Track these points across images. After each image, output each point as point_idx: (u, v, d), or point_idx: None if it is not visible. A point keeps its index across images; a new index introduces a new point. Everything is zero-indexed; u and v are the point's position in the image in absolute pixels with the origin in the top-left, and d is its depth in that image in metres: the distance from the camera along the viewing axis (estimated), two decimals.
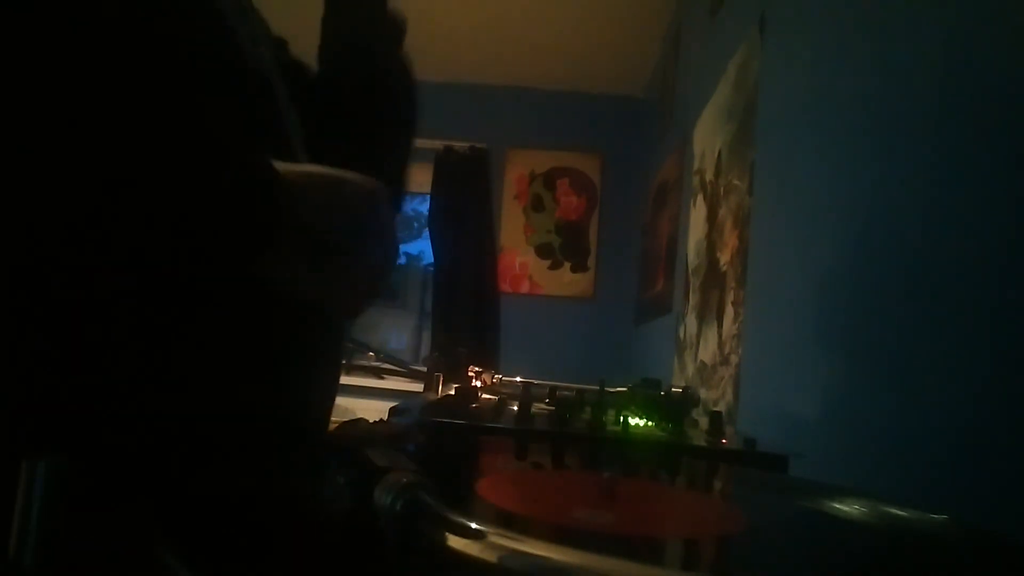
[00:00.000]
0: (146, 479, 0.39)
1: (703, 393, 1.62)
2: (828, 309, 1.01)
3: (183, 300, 0.44)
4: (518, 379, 1.11)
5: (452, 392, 0.94)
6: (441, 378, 1.00)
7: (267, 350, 0.50)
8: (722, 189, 1.69)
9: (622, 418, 0.68)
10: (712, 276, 1.71)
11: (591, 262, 3.57)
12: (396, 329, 3.87)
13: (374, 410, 0.62)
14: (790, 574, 0.31)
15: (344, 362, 0.65)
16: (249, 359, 0.49)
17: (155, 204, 0.37)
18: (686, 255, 2.08)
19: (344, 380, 0.68)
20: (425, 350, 3.63)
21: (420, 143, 0.79)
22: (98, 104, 0.36)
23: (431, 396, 0.95)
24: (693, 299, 1.92)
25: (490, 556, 0.21)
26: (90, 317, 0.41)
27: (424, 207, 3.43)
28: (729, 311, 1.51)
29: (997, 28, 0.67)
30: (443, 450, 0.55)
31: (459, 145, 3.45)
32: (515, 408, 0.69)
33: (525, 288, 3.56)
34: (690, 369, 1.87)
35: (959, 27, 0.73)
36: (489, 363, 1.21)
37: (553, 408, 0.71)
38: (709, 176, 1.85)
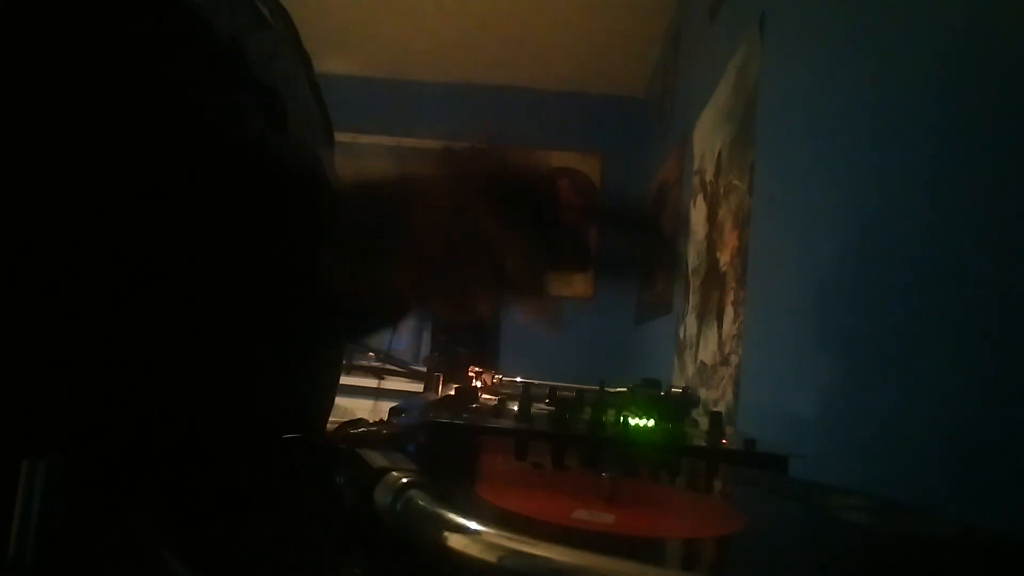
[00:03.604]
0: (146, 479, 0.39)
1: (703, 393, 1.62)
2: (828, 309, 1.01)
3: (182, 300, 0.44)
4: (518, 379, 1.11)
5: (452, 392, 0.94)
6: (441, 378, 1.00)
7: (267, 350, 0.50)
8: (722, 189, 1.69)
9: (622, 418, 0.68)
10: (712, 276, 1.71)
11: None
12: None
13: (374, 410, 0.62)
14: (790, 574, 0.31)
15: (344, 363, 0.65)
16: (249, 359, 0.49)
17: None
18: (686, 255, 2.08)
19: (344, 380, 0.68)
20: (425, 350, 3.63)
21: (421, 144, 0.79)
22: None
23: (431, 396, 0.95)
24: (693, 299, 1.92)
25: (490, 556, 0.21)
26: (90, 316, 0.41)
27: None
28: (729, 311, 1.51)
29: (999, 27, 0.67)
30: (443, 450, 0.55)
31: (459, 145, 3.45)
32: (515, 408, 0.69)
33: None
34: (690, 369, 1.87)
35: (960, 26, 0.73)
36: (489, 363, 1.21)
37: (553, 408, 0.71)
38: (709, 176, 1.85)
